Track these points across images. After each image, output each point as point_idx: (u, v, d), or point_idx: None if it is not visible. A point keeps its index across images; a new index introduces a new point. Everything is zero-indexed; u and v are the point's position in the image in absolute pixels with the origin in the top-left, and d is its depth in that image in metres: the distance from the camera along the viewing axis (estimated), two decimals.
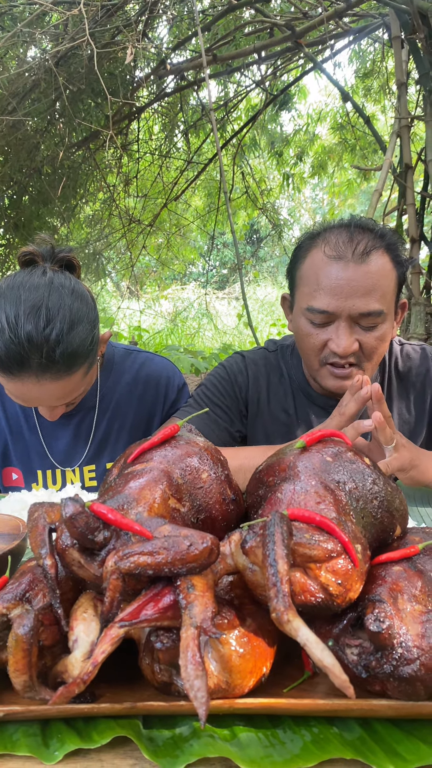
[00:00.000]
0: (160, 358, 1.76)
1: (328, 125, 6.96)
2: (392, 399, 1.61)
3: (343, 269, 1.34)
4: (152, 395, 1.66)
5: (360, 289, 1.33)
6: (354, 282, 1.34)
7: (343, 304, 1.34)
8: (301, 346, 1.48)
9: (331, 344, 1.38)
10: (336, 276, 1.35)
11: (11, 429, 1.63)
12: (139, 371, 1.68)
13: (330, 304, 1.35)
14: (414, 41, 3.39)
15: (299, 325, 1.45)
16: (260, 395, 1.61)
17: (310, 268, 1.41)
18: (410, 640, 0.64)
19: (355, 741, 0.65)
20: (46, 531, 0.71)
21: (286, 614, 0.59)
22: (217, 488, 0.80)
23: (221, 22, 4.58)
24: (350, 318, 1.36)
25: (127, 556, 0.62)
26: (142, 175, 6.00)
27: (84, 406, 1.61)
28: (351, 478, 0.77)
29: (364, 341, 1.38)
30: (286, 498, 0.73)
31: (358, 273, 1.34)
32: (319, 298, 1.36)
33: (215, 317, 9.95)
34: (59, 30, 4.05)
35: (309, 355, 1.46)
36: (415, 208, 3.61)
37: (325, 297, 1.36)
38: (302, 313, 1.42)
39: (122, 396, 1.65)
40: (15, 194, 4.99)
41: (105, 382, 1.64)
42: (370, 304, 1.34)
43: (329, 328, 1.39)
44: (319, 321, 1.39)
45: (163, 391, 1.67)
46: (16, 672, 0.64)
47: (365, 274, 1.34)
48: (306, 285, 1.41)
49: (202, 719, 0.55)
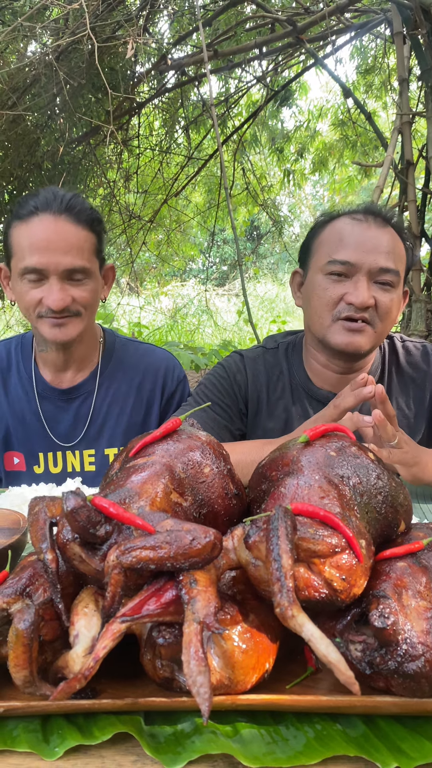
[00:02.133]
0: (161, 349, 1.78)
1: (329, 121, 6.94)
2: (392, 393, 1.60)
3: (366, 229, 1.45)
4: (151, 384, 1.69)
5: (381, 247, 1.43)
6: (375, 240, 1.43)
7: (365, 257, 1.42)
8: (313, 304, 1.50)
9: (349, 296, 1.43)
10: (360, 233, 1.44)
11: (14, 412, 1.66)
12: (139, 360, 1.71)
13: (352, 256, 1.42)
14: (416, 37, 3.37)
15: (315, 282, 1.49)
16: (260, 393, 1.61)
17: (332, 232, 1.49)
18: (415, 637, 0.64)
19: (358, 738, 0.65)
20: (47, 525, 0.70)
21: (290, 609, 0.58)
22: (220, 482, 0.80)
23: (222, 17, 4.56)
24: (369, 273, 1.43)
25: (129, 551, 0.62)
26: (142, 170, 5.98)
27: (84, 390, 1.66)
28: (355, 472, 0.76)
29: (380, 299, 1.44)
30: (289, 492, 0.72)
31: (380, 234, 1.44)
32: (343, 251, 1.44)
33: (215, 314, 9.95)
34: (60, 24, 4.03)
35: (322, 312, 1.48)
36: (416, 204, 3.60)
37: (348, 250, 1.43)
38: (320, 269, 1.48)
39: (122, 383, 1.68)
40: (15, 189, 4.97)
41: (105, 367, 1.68)
42: (389, 261, 1.43)
43: (347, 283, 1.45)
44: (339, 272, 1.45)
45: (162, 381, 1.70)
46: (16, 667, 0.63)
47: (385, 236, 1.45)
48: (327, 245, 1.48)
49: (205, 715, 0.54)
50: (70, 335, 1.52)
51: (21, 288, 1.50)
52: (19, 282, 1.50)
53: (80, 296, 1.50)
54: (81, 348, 1.64)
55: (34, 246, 1.45)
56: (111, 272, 1.68)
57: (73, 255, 1.47)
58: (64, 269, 1.46)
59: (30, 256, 1.45)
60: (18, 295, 1.53)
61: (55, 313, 1.48)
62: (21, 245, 1.47)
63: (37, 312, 1.50)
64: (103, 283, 1.63)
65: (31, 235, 1.46)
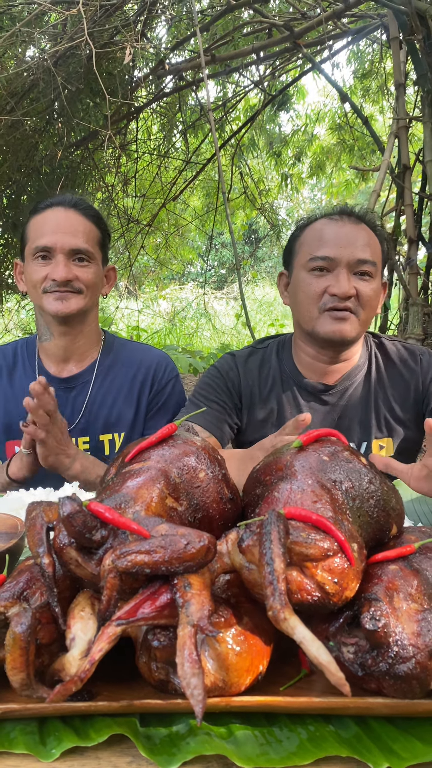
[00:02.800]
0: (157, 349, 1.91)
1: (327, 126, 6.97)
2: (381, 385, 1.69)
3: (342, 226, 1.59)
4: (142, 377, 1.79)
5: (356, 241, 1.56)
6: (351, 235, 1.57)
7: (343, 251, 1.55)
8: (300, 299, 1.62)
9: (332, 288, 1.55)
10: (337, 230, 1.58)
11: (17, 404, 1.72)
12: (135, 356, 1.83)
13: (332, 251, 1.55)
14: (412, 42, 3.39)
15: (300, 279, 1.62)
16: (252, 388, 1.73)
17: (311, 232, 1.63)
18: (406, 639, 0.65)
19: (351, 739, 0.66)
20: (44, 530, 0.71)
21: (282, 612, 0.59)
22: (215, 487, 0.81)
23: (220, 22, 4.58)
24: (348, 265, 1.55)
25: (125, 555, 0.63)
26: (140, 175, 6.00)
27: (82, 380, 1.76)
28: (347, 477, 0.77)
29: (360, 289, 1.55)
30: (283, 497, 0.73)
31: (355, 230, 1.58)
32: (322, 248, 1.57)
33: (213, 317, 9.96)
34: (58, 30, 4.05)
35: (308, 305, 1.60)
36: (413, 208, 3.62)
37: (327, 246, 1.56)
38: (304, 267, 1.61)
39: (117, 375, 1.78)
40: (13, 194, 4.99)
41: (104, 361, 1.79)
42: (365, 253, 1.56)
43: (329, 276, 1.57)
44: (321, 267, 1.57)
45: (152, 374, 1.79)
46: (13, 670, 0.64)
47: (360, 231, 1.58)
48: (308, 245, 1.61)
49: (199, 717, 0.55)
50: (71, 309, 1.65)
51: (31, 269, 1.68)
52: (31, 264, 1.68)
53: (83, 275, 1.66)
54: (82, 340, 1.75)
55: (45, 229, 1.66)
56: (113, 272, 1.85)
57: (79, 238, 1.66)
58: (69, 248, 1.64)
59: (42, 238, 1.65)
60: (28, 277, 1.70)
61: (59, 287, 1.63)
62: (35, 231, 1.68)
63: (42, 287, 1.66)
64: (104, 279, 1.79)
65: (44, 221, 1.68)
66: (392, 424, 1.66)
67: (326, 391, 1.67)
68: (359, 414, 1.67)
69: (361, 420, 1.67)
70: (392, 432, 1.66)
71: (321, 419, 1.67)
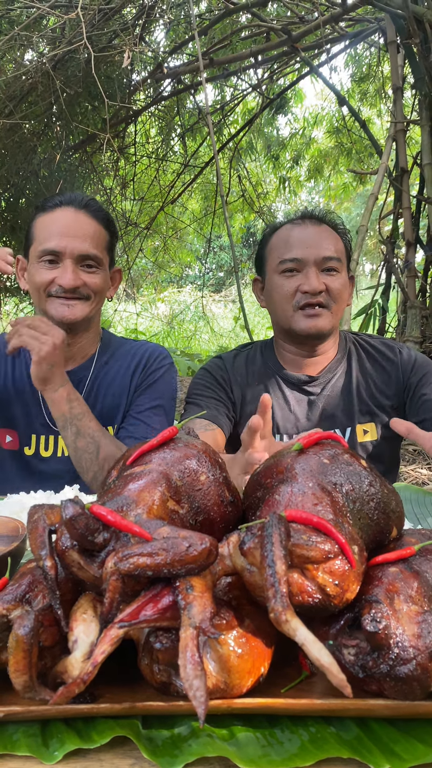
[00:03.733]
0: (155, 344, 1.89)
1: (324, 129, 6.99)
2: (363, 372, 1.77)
3: (304, 229, 1.71)
4: (134, 365, 1.78)
5: (320, 240, 1.68)
6: (315, 236, 1.69)
7: (309, 251, 1.66)
8: (275, 300, 1.73)
9: (303, 286, 1.65)
10: (301, 233, 1.70)
11: (16, 389, 1.73)
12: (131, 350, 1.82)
13: (299, 253, 1.67)
14: (409, 46, 3.41)
15: (272, 282, 1.72)
16: (241, 384, 1.81)
17: (278, 239, 1.74)
18: (407, 640, 0.65)
19: (352, 740, 0.66)
20: (46, 532, 0.71)
21: (284, 614, 0.59)
22: (216, 490, 0.81)
23: (218, 26, 4.60)
24: (316, 263, 1.66)
25: (127, 558, 0.63)
26: (138, 178, 6.02)
27: (80, 374, 1.74)
28: (348, 480, 0.78)
29: (329, 284, 1.66)
30: (283, 500, 0.73)
31: (318, 231, 1.70)
32: (290, 251, 1.68)
33: (212, 320, 9.96)
34: (56, 33, 4.06)
35: (284, 305, 1.70)
36: (410, 211, 3.64)
37: (293, 249, 1.68)
38: (275, 270, 1.71)
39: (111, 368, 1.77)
40: (12, 197, 4.99)
41: (101, 357, 1.78)
42: (330, 251, 1.67)
43: (299, 276, 1.67)
44: (291, 269, 1.67)
45: (144, 361, 1.78)
46: (16, 672, 0.64)
47: (322, 232, 1.71)
48: (276, 250, 1.72)
49: (201, 719, 0.55)
50: (77, 316, 1.62)
51: (36, 271, 1.62)
52: (36, 265, 1.63)
53: (91, 281, 1.63)
54: (84, 341, 1.73)
55: (54, 231, 1.60)
56: (118, 274, 1.82)
57: (88, 243, 1.61)
58: (79, 254, 1.60)
59: (49, 240, 1.59)
60: (32, 278, 1.65)
61: (65, 293, 1.60)
62: (42, 231, 1.63)
63: (47, 291, 1.62)
64: (110, 282, 1.77)
65: (53, 222, 1.62)
66: (374, 410, 1.74)
67: (310, 383, 1.76)
68: (342, 402, 1.75)
69: (344, 407, 1.75)
70: (375, 417, 1.74)
71: (306, 410, 1.75)
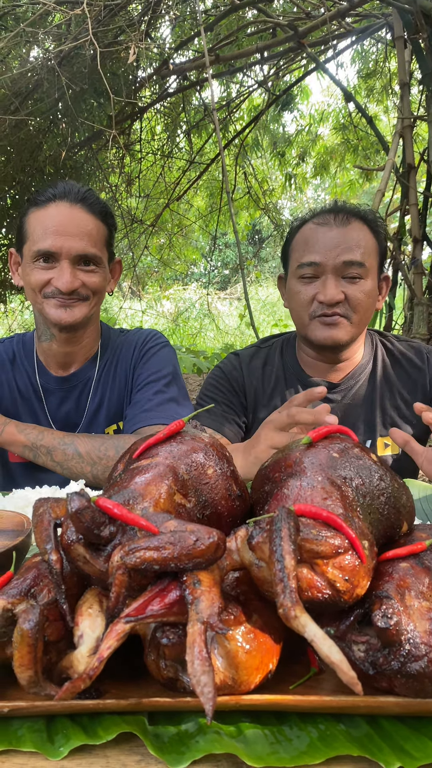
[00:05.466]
0: (150, 329, 1.84)
1: (331, 125, 6.96)
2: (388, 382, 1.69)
3: (328, 230, 1.56)
4: (130, 354, 1.74)
5: (343, 244, 1.53)
6: (337, 239, 1.54)
7: (328, 255, 1.53)
8: (293, 307, 1.63)
9: (319, 296, 1.55)
10: (322, 235, 1.56)
11: (22, 397, 1.71)
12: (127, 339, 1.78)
13: (317, 257, 1.54)
14: (417, 41, 3.39)
15: (291, 286, 1.62)
16: (256, 386, 1.74)
17: (301, 237, 1.61)
18: (418, 637, 0.64)
19: (362, 738, 0.65)
20: (52, 526, 0.70)
21: (293, 610, 0.58)
22: (223, 484, 0.80)
23: (224, 22, 4.58)
24: (335, 270, 1.53)
25: (133, 551, 0.62)
26: (144, 175, 6.01)
27: (84, 376, 1.71)
28: (358, 474, 0.77)
29: (350, 293, 1.54)
30: (292, 494, 0.72)
31: (341, 232, 1.55)
32: (308, 254, 1.56)
33: (217, 317, 9.96)
34: (62, 30, 4.05)
35: (300, 312, 1.61)
36: (417, 208, 3.61)
37: (313, 252, 1.55)
38: (293, 274, 1.60)
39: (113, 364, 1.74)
40: (17, 194, 4.99)
41: (103, 356, 1.74)
42: (352, 255, 1.53)
43: (317, 282, 1.56)
44: (308, 275, 1.56)
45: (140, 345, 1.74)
46: (21, 667, 0.63)
47: (347, 233, 1.55)
48: (297, 251, 1.61)
49: (209, 715, 0.54)
50: (76, 318, 1.56)
51: (31, 270, 1.55)
52: (31, 264, 1.54)
53: (89, 281, 1.56)
54: (85, 340, 1.69)
55: (49, 230, 1.51)
56: (118, 266, 1.74)
57: (85, 242, 1.53)
58: (76, 254, 1.52)
59: (44, 240, 1.50)
60: (27, 277, 1.57)
61: (63, 295, 1.53)
62: (36, 229, 1.53)
63: (43, 292, 1.55)
64: (110, 276, 1.70)
65: (47, 219, 1.52)
66: (398, 422, 1.67)
67: (331, 390, 1.67)
68: (364, 412, 1.67)
69: (366, 418, 1.67)
70: None
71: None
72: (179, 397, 1.63)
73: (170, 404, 1.60)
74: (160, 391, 1.63)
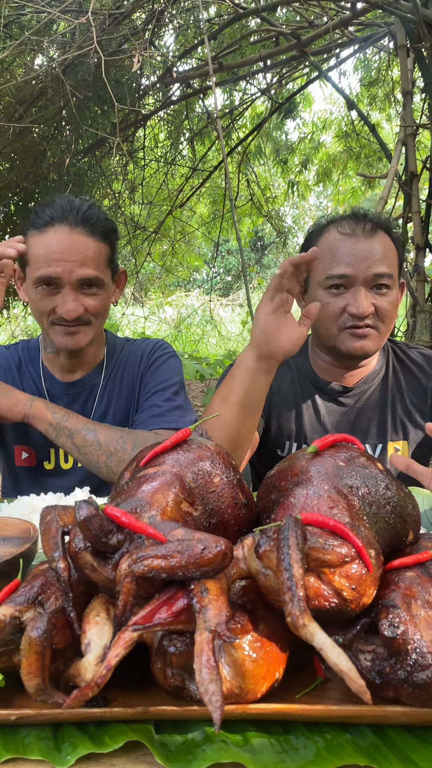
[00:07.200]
0: (157, 339, 1.84)
1: (333, 133, 6.99)
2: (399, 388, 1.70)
3: (356, 242, 1.55)
4: (139, 360, 1.74)
5: (372, 256, 1.53)
6: (366, 251, 1.53)
7: (359, 268, 1.53)
8: (320, 317, 1.60)
9: (350, 308, 1.53)
10: (351, 247, 1.54)
11: None
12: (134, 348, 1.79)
13: (347, 269, 1.53)
14: (419, 50, 3.40)
15: (317, 297, 1.59)
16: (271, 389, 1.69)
17: (325, 247, 1.58)
18: (424, 646, 0.64)
19: (368, 747, 0.65)
20: (59, 534, 0.71)
21: (301, 618, 0.58)
22: (229, 492, 0.80)
23: (227, 30, 4.60)
24: (365, 282, 1.53)
25: (141, 560, 0.62)
26: (147, 182, 6.02)
27: (89, 383, 1.72)
28: (364, 482, 0.77)
29: (379, 305, 1.54)
30: (299, 502, 0.73)
31: (369, 243, 1.54)
32: (337, 266, 1.54)
33: (219, 324, 9.97)
34: (67, 38, 4.08)
35: (328, 323, 1.59)
36: (420, 215, 3.62)
37: (342, 265, 1.54)
38: (320, 284, 1.58)
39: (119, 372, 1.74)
40: (21, 201, 5.01)
41: (109, 364, 1.75)
42: (382, 268, 1.53)
43: (346, 294, 1.55)
44: (337, 286, 1.55)
45: (148, 352, 1.75)
46: (29, 675, 0.63)
47: (374, 244, 1.54)
48: (322, 261, 1.57)
49: (217, 723, 0.54)
50: (80, 343, 1.58)
51: (35, 296, 1.54)
52: (33, 290, 1.54)
53: (92, 306, 1.55)
54: (90, 351, 1.70)
55: (49, 257, 1.49)
56: (123, 276, 1.73)
57: (87, 266, 1.51)
58: (77, 279, 1.50)
59: (45, 267, 1.49)
60: (32, 302, 1.57)
61: (67, 322, 1.53)
62: (37, 255, 1.51)
63: (50, 320, 1.56)
64: (114, 288, 1.69)
65: (47, 245, 1.49)
66: (408, 427, 1.68)
67: (344, 393, 1.70)
68: (375, 417, 1.69)
69: (377, 423, 1.69)
70: (408, 435, 1.68)
71: (337, 420, 1.69)
72: (185, 405, 1.66)
73: (179, 411, 1.62)
74: (169, 398, 1.64)
